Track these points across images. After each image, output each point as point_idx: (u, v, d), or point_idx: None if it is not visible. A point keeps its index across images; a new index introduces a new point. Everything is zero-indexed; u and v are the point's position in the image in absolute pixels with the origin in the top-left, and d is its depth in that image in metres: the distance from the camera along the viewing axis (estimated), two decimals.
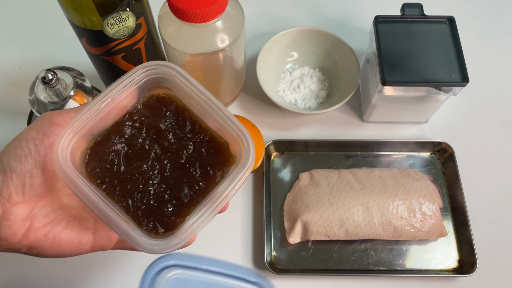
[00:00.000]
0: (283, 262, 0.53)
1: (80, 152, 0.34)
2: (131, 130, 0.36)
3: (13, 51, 0.68)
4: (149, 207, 0.34)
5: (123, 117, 0.36)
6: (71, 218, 0.34)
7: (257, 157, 0.53)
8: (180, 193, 0.34)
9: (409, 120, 0.62)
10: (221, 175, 0.35)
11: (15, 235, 0.32)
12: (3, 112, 0.63)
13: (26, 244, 0.32)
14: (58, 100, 0.41)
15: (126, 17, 0.44)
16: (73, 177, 0.31)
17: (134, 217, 0.33)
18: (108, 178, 0.34)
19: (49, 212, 0.33)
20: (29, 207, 0.32)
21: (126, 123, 0.35)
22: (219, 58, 0.51)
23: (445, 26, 0.55)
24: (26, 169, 0.31)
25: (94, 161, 0.34)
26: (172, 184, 0.34)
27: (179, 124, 0.36)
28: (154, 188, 0.34)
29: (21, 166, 0.31)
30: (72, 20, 0.44)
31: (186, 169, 0.35)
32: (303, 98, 0.62)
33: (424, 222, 0.52)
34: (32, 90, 0.42)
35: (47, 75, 0.40)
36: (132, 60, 0.49)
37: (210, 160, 0.35)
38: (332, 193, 0.53)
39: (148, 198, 0.34)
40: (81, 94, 0.43)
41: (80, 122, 0.32)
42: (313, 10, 0.73)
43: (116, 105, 0.34)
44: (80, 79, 0.43)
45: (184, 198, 0.34)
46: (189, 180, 0.35)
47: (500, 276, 0.53)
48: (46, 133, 0.32)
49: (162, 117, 0.36)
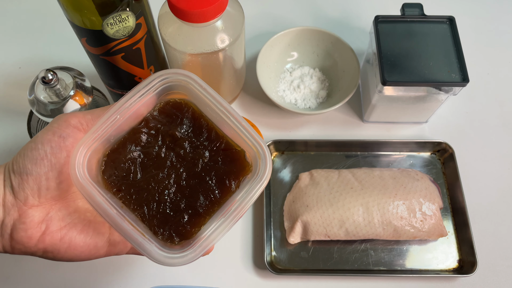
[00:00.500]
0: (283, 262, 0.53)
1: (97, 159, 0.34)
2: (147, 137, 0.35)
3: (13, 51, 0.68)
4: (164, 216, 0.34)
5: (139, 124, 0.35)
6: (87, 222, 0.34)
7: None
8: (195, 202, 0.34)
9: (409, 120, 0.62)
10: (237, 184, 0.35)
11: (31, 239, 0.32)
12: (3, 112, 0.63)
13: (42, 248, 0.32)
14: (58, 100, 0.41)
15: (126, 17, 0.44)
16: (89, 189, 0.31)
17: (150, 226, 0.33)
18: (124, 186, 0.34)
19: (65, 216, 0.33)
20: (45, 210, 0.32)
21: (142, 130, 0.35)
22: (219, 58, 0.51)
23: (445, 26, 0.55)
24: (42, 172, 0.31)
25: (110, 169, 0.34)
26: (188, 193, 0.34)
27: (195, 131, 0.36)
28: (170, 197, 0.34)
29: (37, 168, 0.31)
30: (72, 20, 0.44)
31: (202, 178, 0.35)
32: (303, 98, 0.62)
33: (424, 222, 0.52)
34: (32, 90, 0.42)
35: (47, 75, 0.40)
36: (132, 60, 0.49)
37: (226, 169, 0.35)
38: (332, 193, 0.53)
39: (164, 207, 0.34)
40: (81, 94, 0.43)
41: (97, 133, 0.32)
42: (313, 10, 0.73)
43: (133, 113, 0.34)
44: (80, 79, 0.43)
45: (199, 208, 0.34)
46: (204, 189, 0.35)
47: (500, 276, 0.53)
48: (62, 135, 0.32)
49: (178, 125, 0.36)
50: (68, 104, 0.42)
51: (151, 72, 0.53)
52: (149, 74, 0.53)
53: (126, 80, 0.52)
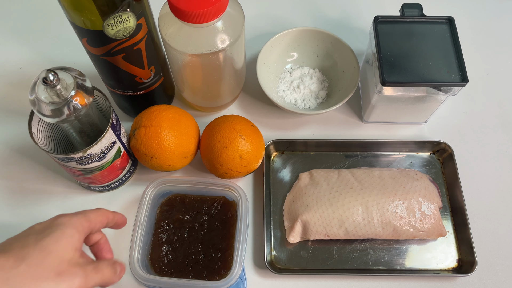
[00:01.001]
0: (283, 261, 0.53)
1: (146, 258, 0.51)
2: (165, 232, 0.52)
3: (14, 52, 0.68)
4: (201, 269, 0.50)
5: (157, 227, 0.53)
6: None
7: (256, 157, 0.54)
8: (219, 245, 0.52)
9: (409, 120, 0.62)
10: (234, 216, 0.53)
11: None
12: (4, 112, 0.63)
13: None
14: (59, 100, 0.41)
15: (127, 18, 0.44)
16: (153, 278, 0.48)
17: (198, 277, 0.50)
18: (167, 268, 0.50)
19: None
20: None
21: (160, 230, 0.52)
22: (219, 58, 0.51)
23: (444, 26, 0.55)
24: None
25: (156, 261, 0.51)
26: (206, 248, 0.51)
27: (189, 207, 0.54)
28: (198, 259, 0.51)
29: None
30: (72, 21, 0.44)
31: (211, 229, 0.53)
32: (303, 98, 0.62)
33: (423, 221, 0.52)
34: (33, 90, 0.42)
35: (48, 75, 0.40)
36: (133, 60, 0.49)
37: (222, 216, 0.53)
38: (332, 193, 0.53)
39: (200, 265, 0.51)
40: (82, 94, 0.43)
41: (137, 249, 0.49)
42: (313, 11, 0.73)
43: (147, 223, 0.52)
44: (81, 79, 0.43)
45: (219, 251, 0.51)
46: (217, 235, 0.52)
47: (499, 275, 0.53)
48: None
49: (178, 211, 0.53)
50: None
51: (152, 72, 0.53)
52: (149, 74, 0.53)
53: (127, 80, 0.52)
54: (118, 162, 0.52)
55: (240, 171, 0.54)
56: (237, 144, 0.52)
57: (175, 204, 0.54)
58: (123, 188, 0.58)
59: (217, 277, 0.49)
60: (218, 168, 0.53)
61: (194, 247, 0.51)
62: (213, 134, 0.53)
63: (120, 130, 0.51)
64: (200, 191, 0.54)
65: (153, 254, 0.51)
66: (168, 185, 0.54)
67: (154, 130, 0.51)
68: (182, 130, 0.53)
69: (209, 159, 0.53)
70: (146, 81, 0.54)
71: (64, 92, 0.42)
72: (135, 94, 0.55)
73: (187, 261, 0.51)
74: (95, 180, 0.53)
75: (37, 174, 0.58)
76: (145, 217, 0.51)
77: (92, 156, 0.47)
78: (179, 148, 0.52)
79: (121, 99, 0.58)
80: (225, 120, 0.54)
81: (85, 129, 0.48)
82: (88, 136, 0.49)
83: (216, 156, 0.52)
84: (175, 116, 0.53)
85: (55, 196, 0.57)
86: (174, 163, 0.53)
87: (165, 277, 0.49)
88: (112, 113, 0.48)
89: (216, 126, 0.53)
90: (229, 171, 0.53)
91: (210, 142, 0.53)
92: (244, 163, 0.53)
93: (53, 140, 0.52)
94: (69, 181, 0.58)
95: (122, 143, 0.52)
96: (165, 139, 0.51)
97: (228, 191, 0.53)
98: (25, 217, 0.56)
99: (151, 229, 0.52)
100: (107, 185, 0.55)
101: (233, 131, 0.52)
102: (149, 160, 0.53)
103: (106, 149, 0.48)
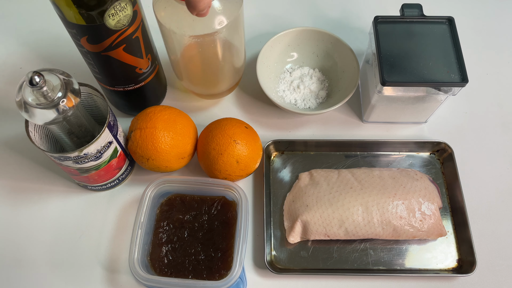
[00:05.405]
0: (283, 261, 0.53)
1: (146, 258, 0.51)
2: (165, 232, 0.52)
3: (14, 52, 0.68)
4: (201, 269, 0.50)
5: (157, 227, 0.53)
6: None
7: (254, 159, 0.54)
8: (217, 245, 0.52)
9: (409, 120, 0.62)
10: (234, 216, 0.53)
11: None
12: (4, 112, 0.63)
13: None
14: (46, 102, 0.41)
15: (125, 5, 0.44)
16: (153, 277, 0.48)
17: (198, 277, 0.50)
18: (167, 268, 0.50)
19: None
20: None
21: (160, 230, 0.52)
22: (217, 40, 0.50)
23: (444, 26, 0.55)
24: None
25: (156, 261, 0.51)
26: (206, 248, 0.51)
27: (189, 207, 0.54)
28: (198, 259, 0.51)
29: None
30: (71, 21, 0.44)
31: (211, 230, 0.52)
32: (303, 98, 0.62)
33: (423, 221, 0.52)
34: (19, 92, 0.42)
35: (33, 77, 0.39)
36: (133, 50, 0.50)
37: (222, 216, 0.53)
38: (332, 193, 0.53)
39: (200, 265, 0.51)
40: (69, 95, 0.42)
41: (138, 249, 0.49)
42: (313, 11, 0.73)
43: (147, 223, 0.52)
44: (67, 80, 0.43)
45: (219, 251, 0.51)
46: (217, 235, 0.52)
47: (499, 275, 0.53)
48: None
49: (178, 211, 0.53)
50: None
51: (149, 60, 0.54)
52: (147, 63, 0.54)
53: (128, 73, 0.53)
54: (114, 162, 0.52)
55: (239, 175, 0.54)
56: (232, 150, 0.52)
57: (175, 204, 0.54)
58: (123, 188, 0.58)
59: (217, 277, 0.49)
60: (217, 175, 0.53)
61: (194, 247, 0.51)
62: (208, 142, 0.53)
63: (117, 130, 0.51)
64: (200, 191, 0.54)
65: (153, 254, 0.51)
66: (168, 185, 0.53)
67: (149, 132, 0.51)
68: (177, 131, 0.53)
69: (207, 166, 0.54)
70: (145, 70, 0.54)
71: (51, 93, 0.41)
72: (136, 88, 0.55)
73: (187, 261, 0.50)
74: (92, 180, 0.53)
75: (37, 173, 0.58)
76: (145, 217, 0.51)
77: (88, 155, 0.47)
78: (175, 149, 0.52)
79: (121, 98, 0.58)
80: (218, 125, 0.54)
81: (74, 130, 0.48)
82: (77, 137, 0.49)
83: (213, 163, 0.52)
84: (170, 117, 0.53)
85: (54, 196, 0.57)
86: (171, 164, 0.53)
87: (165, 277, 0.49)
88: (109, 113, 0.48)
89: (209, 133, 0.53)
90: (228, 176, 0.53)
91: (206, 150, 0.53)
92: (242, 167, 0.53)
93: (50, 139, 0.52)
94: (68, 181, 0.58)
95: (119, 143, 0.52)
96: (160, 141, 0.51)
97: (228, 191, 0.53)
98: (24, 217, 0.56)
99: (151, 229, 0.52)
100: (103, 184, 0.55)
101: (226, 136, 0.52)
102: (146, 162, 0.53)
103: (102, 149, 0.48)
